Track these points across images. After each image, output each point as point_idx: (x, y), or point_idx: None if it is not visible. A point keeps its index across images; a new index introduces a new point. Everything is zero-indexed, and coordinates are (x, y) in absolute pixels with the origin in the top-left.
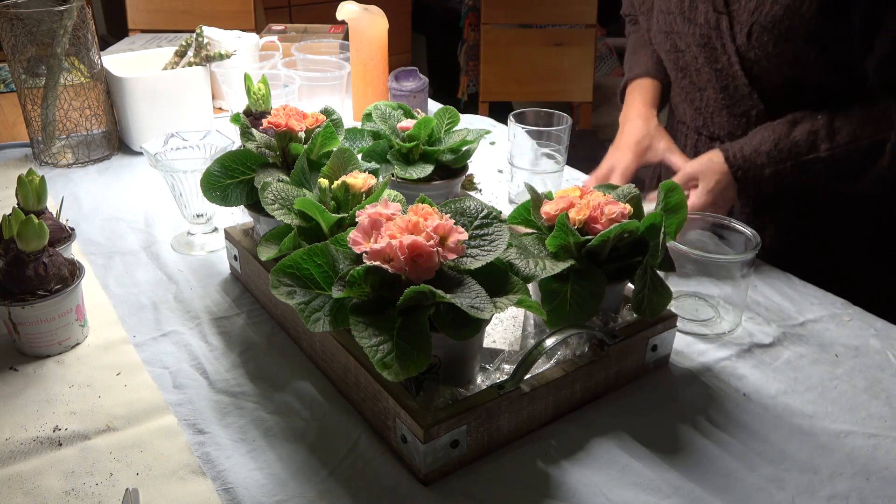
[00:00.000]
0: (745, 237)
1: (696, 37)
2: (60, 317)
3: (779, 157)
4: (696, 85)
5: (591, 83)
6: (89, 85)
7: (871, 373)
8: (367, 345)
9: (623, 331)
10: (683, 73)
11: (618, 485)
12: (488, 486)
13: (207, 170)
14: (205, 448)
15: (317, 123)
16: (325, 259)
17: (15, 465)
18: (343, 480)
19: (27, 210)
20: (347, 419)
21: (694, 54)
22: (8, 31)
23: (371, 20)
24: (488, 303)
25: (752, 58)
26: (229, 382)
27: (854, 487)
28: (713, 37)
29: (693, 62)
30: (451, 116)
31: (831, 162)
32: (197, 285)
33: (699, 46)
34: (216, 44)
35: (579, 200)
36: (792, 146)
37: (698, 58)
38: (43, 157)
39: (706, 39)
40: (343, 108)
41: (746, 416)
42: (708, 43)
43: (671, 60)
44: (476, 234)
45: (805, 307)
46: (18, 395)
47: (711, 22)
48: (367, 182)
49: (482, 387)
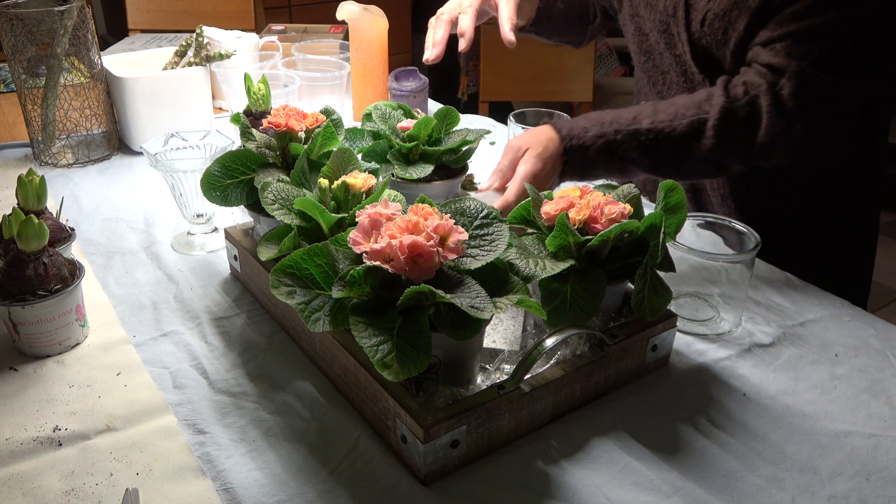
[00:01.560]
0: (745, 237)
1: (657, 23)
2: (60, 317)
3: (601, 124)
4: (658, 69)
5: (591, 83)
6: (89, 85)
7: (871, 373)
8: (367, 345)
9: (623, 331)
10: (647, 56)
11: (618, 485)
12: (488, 486)
13: (207, 170)
14: (205, 448)
15: (317, 123)
16: (325, 259)
17: (15, 465)
18: (343, 480)
19: (27, 210)
20: (347, 419)
21: (656, 39)
22: (8, 31)
23: (371, 20)
24: (488, 303)
25: (703, 45)
26: (229, 382)
27: (854, 487)
28: (671, 24)
29: (656, 46)
30: (451, 116)
31: (654, 135)
32: (197, 285)
33: (659, 32)
34: (216, 44)
35: (579, 200)
36: (615, 117)
37: (659, 42)
38: (43, 157)
39: (665, 26)
40: (343, 108)
41: (746, 416)
42: (667, 29)
43: (635, 43)
44: (476, 234)
45: (805, 307)
46: (18, 395)
47: (669, 9)
48: (367, 182)
49: (482, 387)
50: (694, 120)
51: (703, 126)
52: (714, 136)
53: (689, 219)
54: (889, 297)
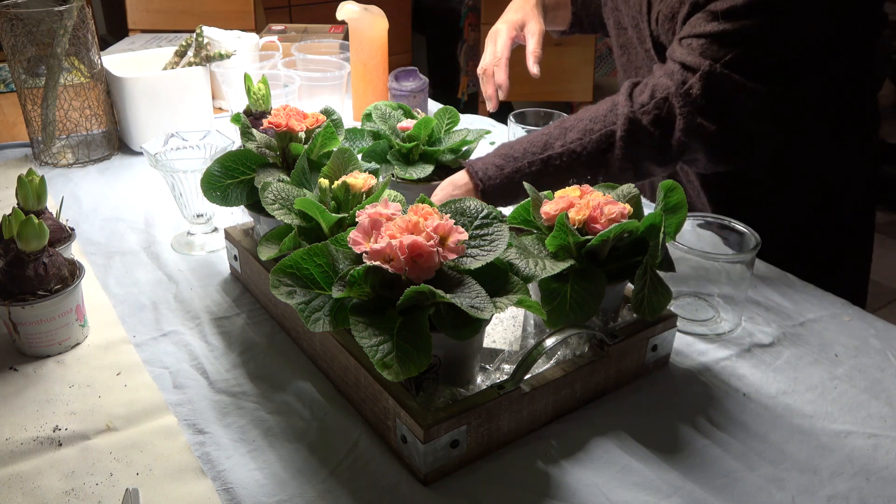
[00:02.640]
0: (745, 237)
1: (630, 17)
2: (60, 317)
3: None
4: (633, 63)
5: (591, 83)
6: (89, 85)
7: (871, 373)
8: (367, 345)
9: (623, 331)
10: (623, 49)
11: (618, 485)
12: (488, 486)
13: (208, 170)
14: (205, 448)
15: (317, 123)
16: (325, 259)
17: (15, 465)
18: (343, 480)
19: (27, 210)
20: (347, 419)
21: (631, 34)
22: (8, 31)
23: (371, 20)
24: (488, 303)
25: (661, 42)
26: (229, 382)
27: (854, 487)
28: (639, 19)
29: (631, 41)
30: (451, 116)
31: (568, 157)
32: (197, 285)
33: (632, 28)
34: (216, 44)
35: (579, 200)
36: (527, 147)
37: (633, 37)
38: (43, 157)
39: (636, 21)
40: (343, 108)
41: (746, 416)
42: (637, 25)
43: (615, 37)
44: (476, 234)
45: (805, 307)
46: (18, 395)
47: (637, 5)
48: (367, 182)
49: (482, 387)
50: (602, 134)
51: (612, 138)
52: (624, 145)
53: (689, 219)
54: (889, 297)
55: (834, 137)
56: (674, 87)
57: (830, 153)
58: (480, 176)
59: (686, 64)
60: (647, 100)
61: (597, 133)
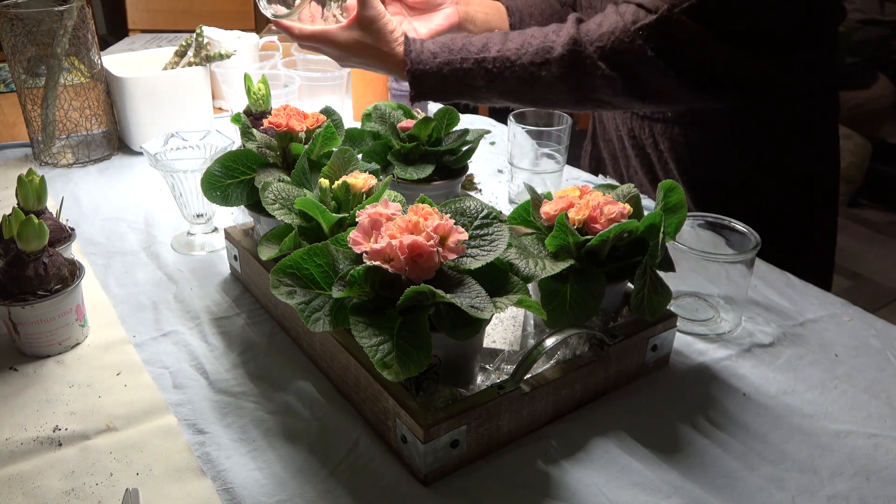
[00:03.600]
0: (745, 237)
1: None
2: (60, 317)
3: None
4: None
5: None
6: (89, 85)
7: (871, 373)
8: (367, 345)
9: (623, 331)
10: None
11: (618, 485)
12: (488, 486)
13: (208, 170)
14: (205, 448)
15: (317, 124)
16: (325, 259)
17: (15, 465)
18: (343, 480)
19: (27, 210)
20: (347, 419)
21: None
22: (8, 31)
23: None
24: (488, 303)
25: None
26: (229, 382)
27: (854, 487)
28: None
29: None
30: (451, 116)
31: (501, 63)
32: (197, 285)
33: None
34: (216, 44)
35: (579, 200)
36: (465, 44)
37: None
38: (43, 157)
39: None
40: (343, 108)
41: (746, 416)
42: None
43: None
44: (476, 234)
45: (805, 307)
46: (18, 395)
47: None
48: (367, 182)
49: (482, 387)
50: (539, 48)
51: (548, 54)
52: (560, 66)
53: (689, 219)
54: (889, 297)
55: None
56: (622, 24)
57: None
58: (413, 56)
59: (644, 5)
60: (594, 27)
61: (534, 47)
